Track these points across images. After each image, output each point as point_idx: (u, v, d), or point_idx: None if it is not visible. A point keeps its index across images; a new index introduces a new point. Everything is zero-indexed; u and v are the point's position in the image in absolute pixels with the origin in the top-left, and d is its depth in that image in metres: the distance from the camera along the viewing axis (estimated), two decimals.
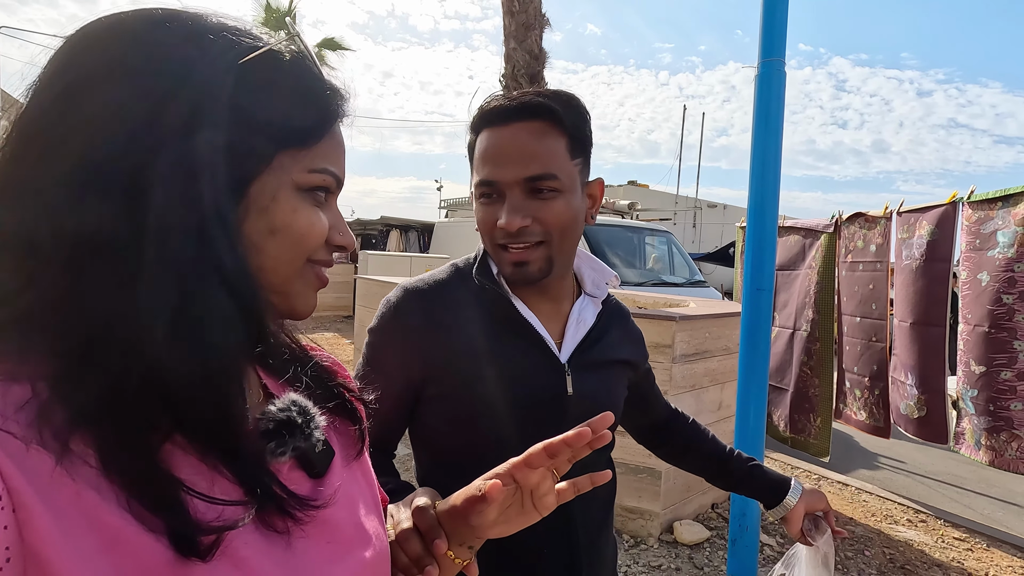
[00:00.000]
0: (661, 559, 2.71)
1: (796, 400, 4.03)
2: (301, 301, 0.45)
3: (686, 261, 7.17)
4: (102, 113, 0.35)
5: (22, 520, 0.30)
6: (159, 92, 0.35)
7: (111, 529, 0.32)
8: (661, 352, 2.79)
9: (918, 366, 3.28)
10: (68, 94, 0.35)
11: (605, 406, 0.87)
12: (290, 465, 0.43)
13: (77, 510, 0.31)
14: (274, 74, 0.40)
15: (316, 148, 0.42)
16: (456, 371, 0.79)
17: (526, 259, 0.78)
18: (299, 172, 0.41)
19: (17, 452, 0.31)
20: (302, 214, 0.41)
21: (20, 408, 0.32)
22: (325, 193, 0.44)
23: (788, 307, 4.14)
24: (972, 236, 2.95)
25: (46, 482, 0.31)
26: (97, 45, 0.36)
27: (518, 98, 0.78)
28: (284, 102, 0.40)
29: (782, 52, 2.10)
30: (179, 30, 0.38)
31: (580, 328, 0.86)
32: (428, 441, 0.86)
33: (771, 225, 2.13)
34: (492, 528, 0.53)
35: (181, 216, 0.35)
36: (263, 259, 0.40)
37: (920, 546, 3.05)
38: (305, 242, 0.42)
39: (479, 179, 0.80)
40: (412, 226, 11.67)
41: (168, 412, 0.35)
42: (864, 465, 4.33)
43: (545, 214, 0.77)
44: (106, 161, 0.34)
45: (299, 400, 0.45)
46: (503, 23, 4.76)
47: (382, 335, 0.83)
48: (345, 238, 0.46)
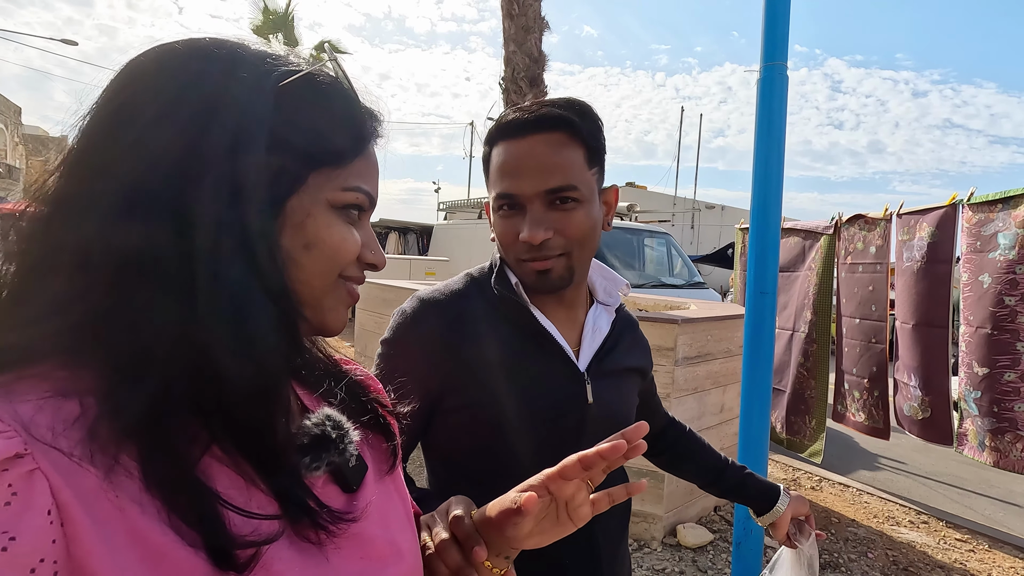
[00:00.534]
0: (665, 562, 2.71)
1: (793, 402, 4.04)
2: (332, 316, 0.46)
3: (685, 262, 7.18)
4: (148, 138, 0.37)
5: (70, 535, 0.31)
6: (200, 118, 0.37)
7: (152, 544, 0.32)
8: (663, 355, 2.79)
9: (921, 368, 3.29)
10: (118, 120, 0.37)
11: (622, 414, 0.89)
12: (324, 480, 0.44)
13: (121, 525, 0.32)
14: (310, 97, 0.42)
15: (350, 168, 0.44)
16: (476, 382, 0.79)
17: (549, 268, 0.79)
18: (332, 190, 0.43)
19: (65, 467, 0.31)
20: (336, 230, 0.43)
21: (71, 424, 0.33)
22: (358, 211, 0.45)
23: (787, 309, 4.15)
24: (973, 238, 2.96)
25: (92, 497, 0.32)
26: (145, 74, 0.39)
27: (535, 110, 0.78)
28: (319, 124, 0.42)
29: (784, 56, 2.10)
30: (220, 58, 0.40)
31: (596, 336, 0.86)
32: (445, 454, 0.85)
33: (774, 228, 2.13)
34: (527, 540, 0.53)
35: (225, 235, 0.37)
36: (299, 273, 0.42)
37: (923, 547, 3.06)
38: (338, 256, 0.44)
39: (498, 192, 0.79)
40: (411, 228, 11.66)
41: (208, 426, 0.36)
42: (865, 466, 4.33)
43: (566, 225, 0.77)
44: (151, 183, 0.36)
45: (333, 415, 0.46)
46: (503, 26, 4.76)
47: (397, 346, 0.82)
48: (376, 256, 0.48)
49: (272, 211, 0.40)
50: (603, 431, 0.82)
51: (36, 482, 0.30)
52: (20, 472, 0.30)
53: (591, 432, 0.81)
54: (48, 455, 0.31)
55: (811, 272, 4.03)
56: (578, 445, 0.79)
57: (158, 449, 0.34)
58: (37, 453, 0.31)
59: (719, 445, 3.24)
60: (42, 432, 0.32)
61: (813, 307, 3.95)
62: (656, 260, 6.99)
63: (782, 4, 2.08)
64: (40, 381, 0.34)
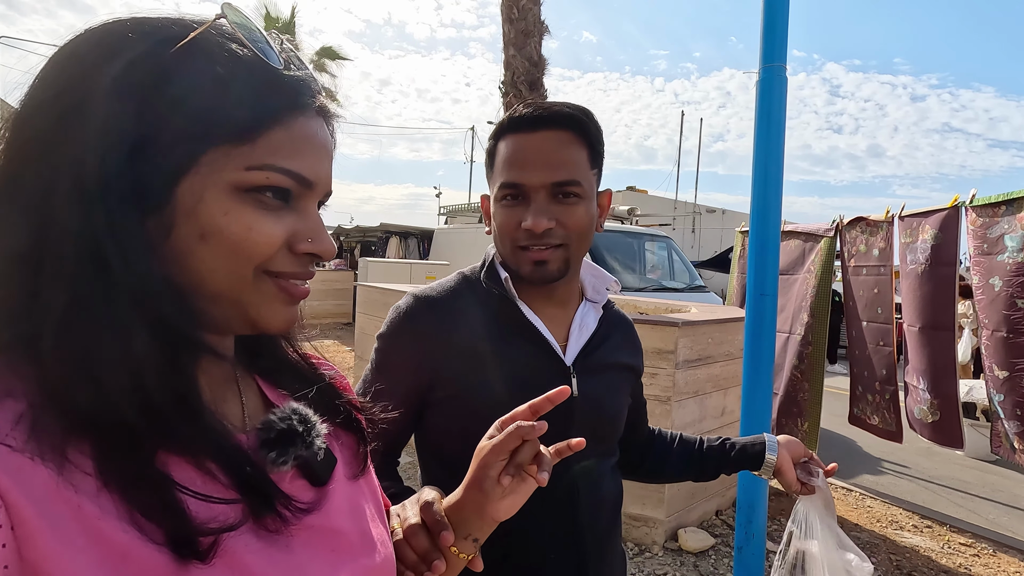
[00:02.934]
0: (666, 567, 2.69)
1: (784, 404, 4.02)
2: (265, 312, 0.41)
3: (686, 266, 7.17)
4: (24, 131, 0.35)
5: (21, 537, 0.29)
6: (59, 102, 0.35)
7: (112, 542, 0.31)
8: (664, 358, 2.78)
9: (929, 370, 3.27)
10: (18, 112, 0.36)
11: (609, 408, 0.90)
12: (292, 474, 0.43)
13: (78, 524, 0.31)
14: (196, 65, 0.36)
15: (258, 143, 0.38)
16: (463, 374, 0.81)
17: (546, 258, 0.81)
18: (234, 171, 0.37)
19: (15, 467, 0.30)
20: (235, 217, 0.37)
21: (17, 422, 0.32)
22: (279, 194, 0.39)
23: (785, 311, 4.14)
24: (979, 240, 2.95)
25: (45, 497, 0.30)
26: (45, 64, 0.37)
27: (547, 107, 0.82)
28: (212, 94, 0.36)
29: (783, 57, 2.10)
30: (98, 34, 0.37)
31: (583, 332, 0.88)
32: (434, 445, 0.87)
33: (774, 230, 2.13)
34: (501, 504, 0.54)
35: (81, 226, 0.34)
36: (196, 266, 0.37)
37: (926, 552, 3.03)
38: (243, 249, 0.38)
39: (504, 181, 0.81)
40: (412, 233, 11.68)
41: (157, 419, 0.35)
42: (868, 471, 4.31)
43: (567, 218, 0.80)
44: (25, 174, 0.35)
45: (300, 409, 0.45)
46: (502, 30, 4.78)
47: (392, 340, 0.85)
48: (316, 245, 0.41)
49: (154, 196, 0.36)
50: (589, 424, 0.83)
51: None
52: None
53: (577, 425, 0.82)
54: None
55: (810, 275, 4.02)
56: (564, 438, 0.80)
57: (111, 444, 0.33)
58: None
59: None
60: None
61: (810, 310, 3.94)
62: (657, 264, 6.98)
63: (780, 5, 2.08)
64: None
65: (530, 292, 0.86)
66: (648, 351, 2.88)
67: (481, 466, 0.55)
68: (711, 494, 3.21)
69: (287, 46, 0.42)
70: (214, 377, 0.43)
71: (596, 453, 0.86)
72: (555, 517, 0.81)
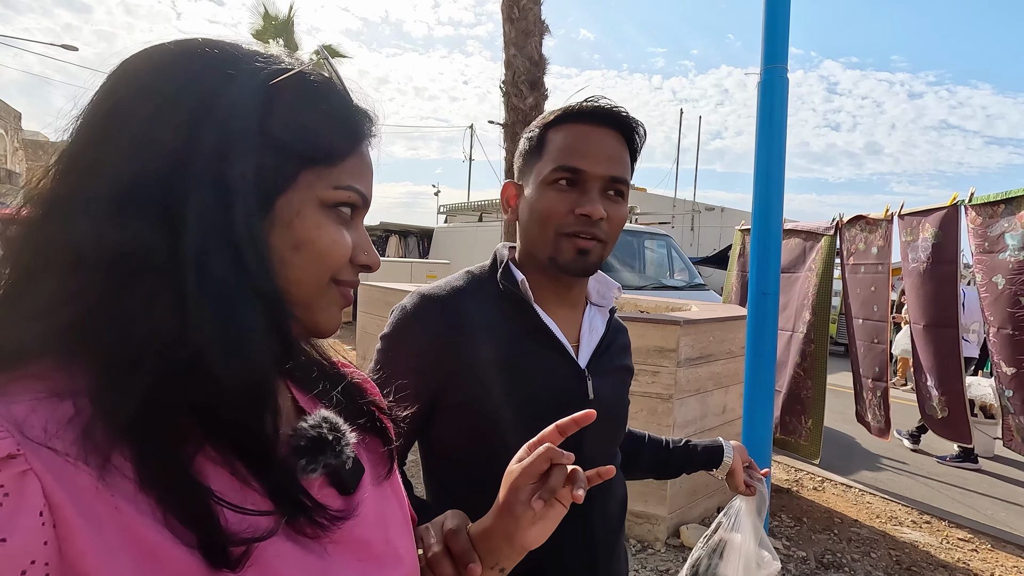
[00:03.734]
0: (668, 563, 2.71)
1: (788, 402, 4.05)
2: (324, 317, 0.45)
3: (686, 264, 7.19)
4: (139, 138, 0.37)
5: (62, 536, 0.30)
6: (189, 117, 0.37)
7: (147, 543, 0.32)
8: (665, 356, 2.80)
9: (935, 368, 3.30)
10: (110, 120, 0.37)
11: (621, 410, 0.91)
12: (321, 482, 0.44)
13: (115, 525, 0.32)
14: (302, 95, 0.41)
15: (342, 166, 0.43)
16: (477, 378, 0.79)
17: (590, 248, 0.82)
18: (323, 189, 0.42)
19: (59, 468, 0.31)
20: (326, 231, 0.42)
21: (64, 425, 0.33)
22: (351, 210, 0.45)
23: (787, 309, 4.16)
24: (980, 239, 2.97)
25: (86, 498, 0.32)
26: (137, 74, 0.39)
27: (613, 106, 0.84)
28: (310, 122, 0.42)
29: (784, 59, 2.12)
30: (212, 58, 0.40)
31: (594, 335, 0.88)
32: (443, 450, 0.85)
33: (776, 230, 2.14)
34: (530, 532, 0.53)
35: (213, 234, 0.36)
36: (289, 273, 0.41)
37: (925, 547, 3.06)
38: (328, 259, 0.43)
39: (563, 164, 0.81)
40: (411, 231, 11.67)
41: (201, 424, 0.36)
42: (867, 467, 4.34)
43: (614, 214, 0.82)
44: (142, 183, 0.36)
45: (330, 417, 0.45)
46: (503, 30, 4.78)
47: (397, 342, 0.82)
48: (370, 257, 0.47)
49: (261, 210, 0.39)
50: (603, 427, 0.82)
51: (28, 483, 0.30)
52: (12, 473, 0.30)
53: (592, 428, 0.82)
54: (41, 456, 0.31)
55: (811, 273, 4.04)
56: (580, 441, 0.79)
57: (152, 448, 0.34)
58: (30, 454, 0.31)
59: None
60: (36, 433, 0.32)
61: (812, 308, 3.96)
62: (657, 262, 7.00)
63: (782, 8, 2.10)
64: (34, 382, 0.34)
65: (544, 294, 0.85)
66: (650, 349, 2.90)
67: (512, 490, 0.54)
68: (713, 491, 3.23)
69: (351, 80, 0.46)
70: None
71: (605, 455, 0.87)
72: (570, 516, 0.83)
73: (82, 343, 0.34)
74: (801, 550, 2.95)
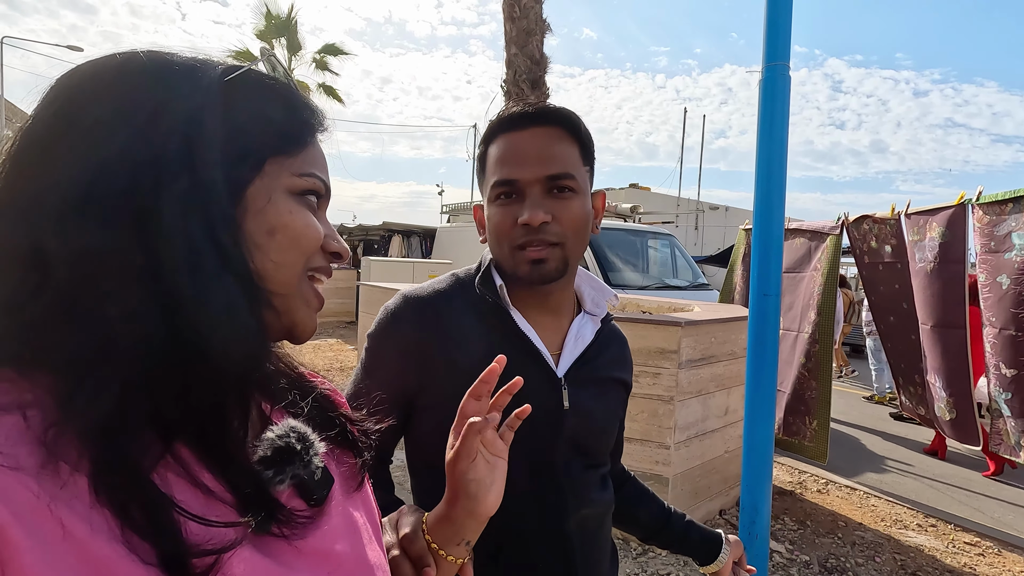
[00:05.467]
0: (669, 567, 2.69)
1: (792, 403, 4.01)
2: (301, 317, 0.45)
3: (689, 264, 7.15)
4: (98, 137, 0.36)
5: (6, 558, 0.29)
6: (151, 115, 0.38)
7: (100, 561, 0.31)
8: (667, 358, 2.77)
9: (943, 368, 3.27)
10: (64, 120, 0.37)
11: (600, 422, 0.88)
12: (289, 494, 0.43)
13: (66, 543, 0.30)
14: (255, 89, 0.43)
15: (303, 155, 0.44)
16: (451, 381, 0.78)
17: (544, 256, 0.79)
18: (289, 176, 0.43)
19: (4, 484, 0.30)
20: (298, 215, 0.43)
21: (12, 438, 0.31)
22: (316, 198, 0.46)
23: (792, 310, 4.13)
24: (986, 238, 2.93)
25: (33, 515, 0.30)
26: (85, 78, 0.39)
27: (535, 104, 0.82)
28: (269, 112, 0.43)
29: (786, 56, 2.09)
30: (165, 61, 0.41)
31: (579, 344, 0.86)
32: (422, 449, 0.86)
33: (777, 230, 2.11)
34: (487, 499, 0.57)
35: (191, 226, 0.37)
36: (265, 260, 0.41)
37: (931, 551, 3.02)
38: (302, 242, 0.43)
39: (497, 179, 0.80)
40: (414, 231, 11.67)
41: (166, 432, 0.35)
42: (872, 469, 4.29)
43: (563, 213, 0.79)
44: (106, 181, 0.35)
45: (298, 427, 0.45)
46: (504, 29, 4.76)
47: (379, 341, 0.84)
48: (340, 245, 0.48)
49: (232, 198, 0.40)
50: (579, 437, 0.82)
51: None
52: None
53: (567, 437, 0.81)
54: None
55: (816, 273, 4.00)
56: (553, 450, 0.80)
57: (111, 458, 0.32)
58: None
59: (723, 448, 3.22)
60: None
61: (817, 308, 3.92)
62: (660, 261, 6.96)
63: (784, 4, 2.07)
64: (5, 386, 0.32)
65: (524, 300, 0.84)
66: (651, 351, 2.87)
67: (459, 475, 0.57)
68: (715, 494, 3.20)
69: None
70: None
71: (583, 465, 0.85)
72: (545, 526, 0.81)
73: (38, 348, 0.33)
74: (804, 554, 2.92)
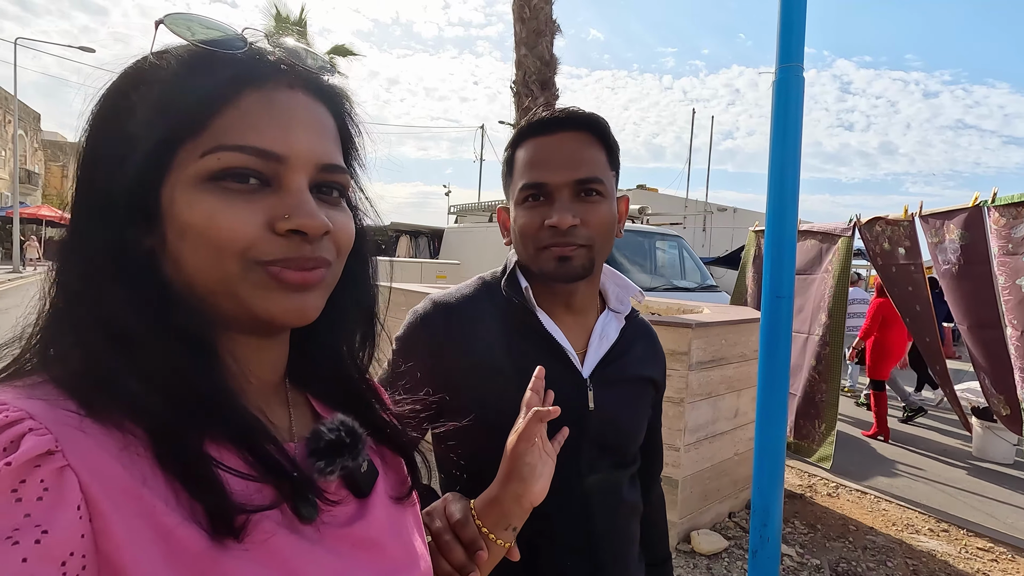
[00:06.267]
0: (679, 569, 2.67)
1: (803, 405, 3.99)
2: (261, 304, 0.39)
3: (697, 266, 7.12)
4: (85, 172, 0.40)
5: (98, 529, 0.31)
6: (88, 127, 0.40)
7: (165, 529, 0.33)
8: (677, 359, 2.76)
9: (988, 367, 3.26)
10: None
11: (625, 422, 0.88)
12: (336, 485, 0.44)
13: (142, 516, 0.33)
14: (149, 77, 0.38)
15: (210, 129, 0.37)
16: (476, 384, 0.80)
17: (570, 255, 0.80)
18: (192, 162, 0.37)
19: (93, 461, 0.32)
20: (198, 208, 0.37)
21: (82, 417, 0.34)
22: (240, 176, 0.38)
23: (803, 311, 4.10)
24: (1003, 240, 2.90)
25: (117, 490, 0.32)
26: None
27: (564, 109, 0.83)
28: (160, 101, 0.37)
29: (800, 57, 2.07)
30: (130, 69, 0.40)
31: (603, 343, 0.86)
32: (449, 450, 0.86)
33: (790, 231, 2.10)
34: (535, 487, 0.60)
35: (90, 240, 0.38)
36: (184, 267, 0.38)
37: (943, 556, 2.99)
38: (211, 239, 0.37)
39: (526, 182, 0.81)
40: (422, 231, 11.69)
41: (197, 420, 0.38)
42: (882, 473, 4.26)
43: (591, 216, 0.80)
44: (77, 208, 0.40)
45: (347, 421, 0.46)
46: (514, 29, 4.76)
47: (407, 344, 0.85)
48: (293, 220, 0.38)
49: (139, 210, 0.38)
50: (604, 438, 0.83)
51: (66, 478, 0.31)
52: (51, 468, 0.31)
53: (592, 438, 0.81)
54: (77, 452, 0.32)
55: (827, 275, 3.98)
56: (578, 451, 0.80)
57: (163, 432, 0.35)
58: (67, 450, 0.32)
59: (733, 451, 3.21)
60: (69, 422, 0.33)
61: (828, 310, 3.90)
62: (668, 263, 6.93)
63: (798, 5, 2.05)
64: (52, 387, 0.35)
65: (549, 300, 0.85)
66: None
67: (514, 456, 0.60)
68: (724, 496, 3.19)
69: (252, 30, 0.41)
70: (263, 384, 0.45)
71: (610, 464, 0.85)
72: (571, 527, 0.81)
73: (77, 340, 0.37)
74: (815, 558, 2.90)
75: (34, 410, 0.32)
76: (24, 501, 0.29)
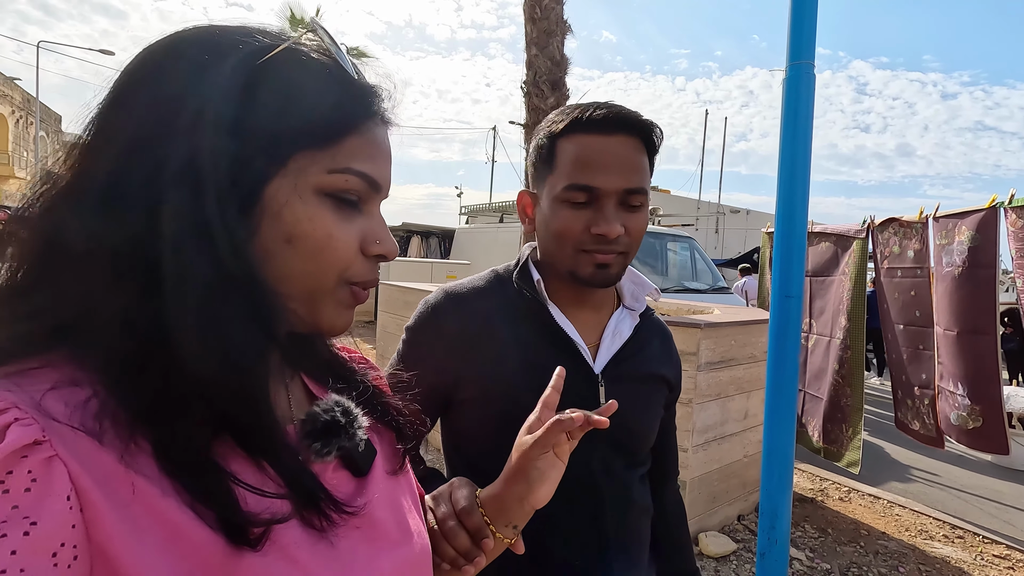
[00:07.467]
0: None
1: (830, 410, 3.93)
2: (328, 317, 0.42)
3: (709, 267, 7.08)
4: (119, 130, 0.37)
5: (89, 519, 0.31)
6: (162, 110, 0.36)
7: (171, 523, 0.33)
8: (686, 360, 2.74)
9: (968, 376, 3.17)
10: (100, 115, 0.38)
11: (637, 420, 0.86)
12: (335, 465, 0.44)
13: (140, 506, 0.32)
14: (288, 73, 0.38)
15: (338, 147, 0.39)
16: (488, 377, 0.80)
17: (610, 262, 0.79)
18: (317, 174, 0.39)
19: (83, 451, 0.32)
20: (320, 223, 0.39)
21: (84, 408, 0.33)
22: (356, 197, 0.41)
23: (824, 314, 4.05)
24: (1020, 243, 2.84)
25: (111, 481, 0.32)
26: (127, 72, 0.38)
27: (621, 111, 0.79)
28: (297, 101, 0.38)
29: (811, 55, 2.05)
30: (193, 41, 0.38)
31: (616, 340, 0.85)
32: (458, 443, 0.87)
33: (800, 230, 2.08)
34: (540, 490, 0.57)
35: (186, 225, 0.35)
36: (281, 268, 0.39)
37: (958, 563, 2.94)
38: (326, 254, 0.40)
39: (575, 183, 0.77)
40: (433, 232, 11.75)
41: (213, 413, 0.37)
42: (896, 478, 4.19)
43: (633, 225, 0.79)
44: (124, 179, 0.36)
45: (342, 401, 0.46)
46: (525, 30, 4.77)
47: (418, 335, 0.85)
48: (384, 246, 0.43)
49: (240, 200, 0.37)
50: (614, 434, 0.80)
51: (55, 468, 0.31)
52: (39, 459, 0.30)
53: (603, 436, 0.80)
54: (66, 441, 0.32)
55: (845, 277, 3.93)
56: (590, 450, 0.78)
57: (170, 433, 0.34)
58: (55, 440, 0.31)
59: (742, 452, 3.18)
60: (58, 414, 0.32)
61: (847, 313, 3.84)
62: (680, 264, 6.90)
63: (809, 3, 2.04)
64: (50, 371, 0.34)
65: (562, 295, 0.84)
66: None
67: (525, 459, 0.58)
68: (733, 499, 3.16)
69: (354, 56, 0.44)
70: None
71: (622, 464, 0.84)
72: (582, 525, 0.80)
73: (88, 336, 0.35)
74: (825, 562, 2.86)
75: (20, 400, 0.32)
76: (12, 493, 0.29)
